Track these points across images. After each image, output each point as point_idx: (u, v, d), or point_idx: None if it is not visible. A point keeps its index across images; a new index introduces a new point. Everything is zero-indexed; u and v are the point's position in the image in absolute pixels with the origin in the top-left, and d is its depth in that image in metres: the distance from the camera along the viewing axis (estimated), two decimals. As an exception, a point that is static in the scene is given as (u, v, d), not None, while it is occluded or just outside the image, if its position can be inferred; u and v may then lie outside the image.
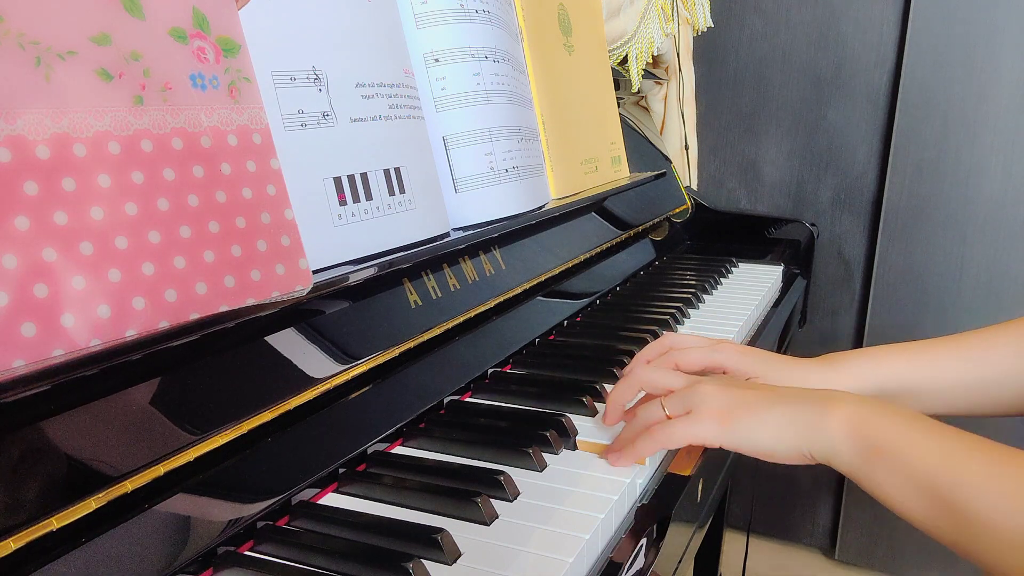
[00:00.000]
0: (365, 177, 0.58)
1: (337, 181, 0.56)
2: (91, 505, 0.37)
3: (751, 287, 1.09)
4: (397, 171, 0.62)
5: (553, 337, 0.84)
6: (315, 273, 0.51)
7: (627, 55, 1.28)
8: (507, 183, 0.75)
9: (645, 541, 0.49)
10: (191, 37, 0.45)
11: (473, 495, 0.49)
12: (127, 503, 0.39)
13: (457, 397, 0.68)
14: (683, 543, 0.58)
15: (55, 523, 0.35)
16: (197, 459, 0.43)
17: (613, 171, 1.06)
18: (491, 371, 0.73)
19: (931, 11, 1.47)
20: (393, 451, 0.59)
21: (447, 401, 0.66)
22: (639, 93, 1.51)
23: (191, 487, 0.43)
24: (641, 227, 1.16)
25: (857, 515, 1.71)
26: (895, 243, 1.58)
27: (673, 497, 0.54)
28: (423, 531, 0.45)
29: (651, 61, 1.38)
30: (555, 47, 0.93)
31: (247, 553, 0.45)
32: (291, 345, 0.51)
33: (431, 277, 0.67)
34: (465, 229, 0.71)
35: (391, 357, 0.59)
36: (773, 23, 1.63)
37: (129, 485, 0.39)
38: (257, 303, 0.46)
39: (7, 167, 0.36)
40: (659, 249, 1.25)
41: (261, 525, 0.47)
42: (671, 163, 1.41)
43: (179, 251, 0.42)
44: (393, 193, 0.61)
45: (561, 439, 0.59)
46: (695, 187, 1.60)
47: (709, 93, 1.71)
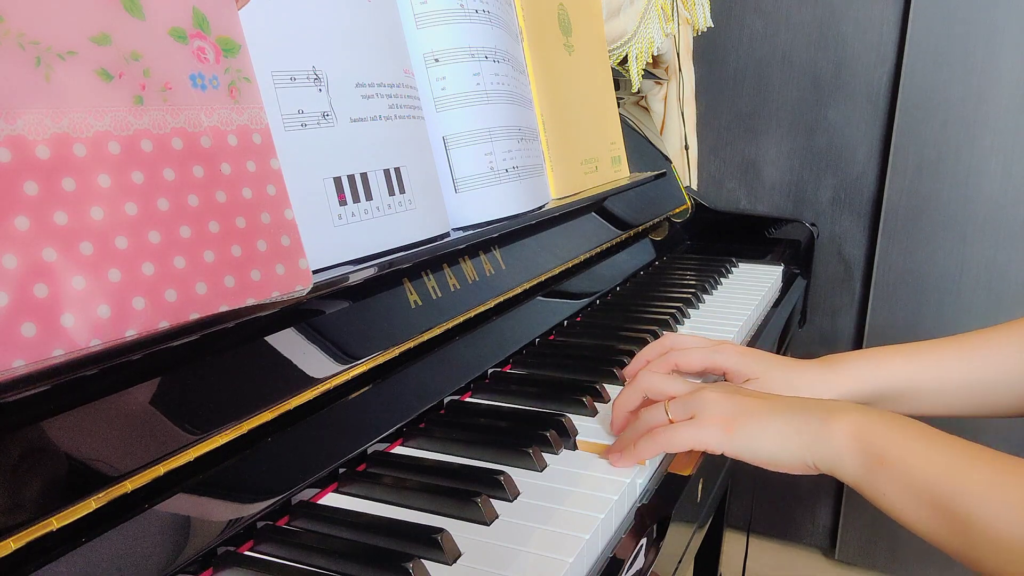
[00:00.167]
0: (365, 177, 0.58)
1: (337, 181, 0.56)
2: (91, 505, 0.37)
3: (751, 287, 1.09)
4: (397, 171, 0.62)
5: (553, 337, 0.84)
6: (315, 273, 0.51)
7: (627, 55, 1.28)
8: (507, 183, 0.75)
9: (645, 541, 0.49)
10: (191, 37, 0.45)
11: (473, 495, 0.49)
12: (127, 503, 0.39)
13: (457, 397, 0.68)
14: (683, 543, 0.58)
15: (55, 523, 0.35)
16: (197, 459, 0.43)
17: (613, 171, 1.06)
18: (491, 371, 0.73)
19: (931, 11, 1.47)
20: (393, 451, 0.59)
21: (447, 401, 0.66)
22: (639, 93, 1.51)
23: (191, 487, 0.43)
24: (641, 227, 1.16)
25: (857, 515, 1.71)
26: (895, 243, 1.58)
27: (673, 497, 0.54)
28: (423, 531, 0.45)
29: (651, 61, 1.38)
30: (555, 47, 0.93)
31: (247, 553, 0.45)
32: (291, 345, 0.51)
33: (431, 277, 0.67)
34: (465, 229, 0.71)
35: (391, 357, 0.59)
36: (773, 23, 1.63)
37: (129, 485, 0.39)
38: (257, 303, 0.46)
39: (7, 167, 0.36)
40: (659, 249, 1.25)
41: (261, 525, 0.47)
42: (671, 163, 1.41)
43: (179, 251, 0.42)
44: (393, 193, 0.61)
45: (561, 439, 0.59)
46: (695, 187, 1.60)
47: (709, 93, 1.71)
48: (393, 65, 0.63)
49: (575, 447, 0.59)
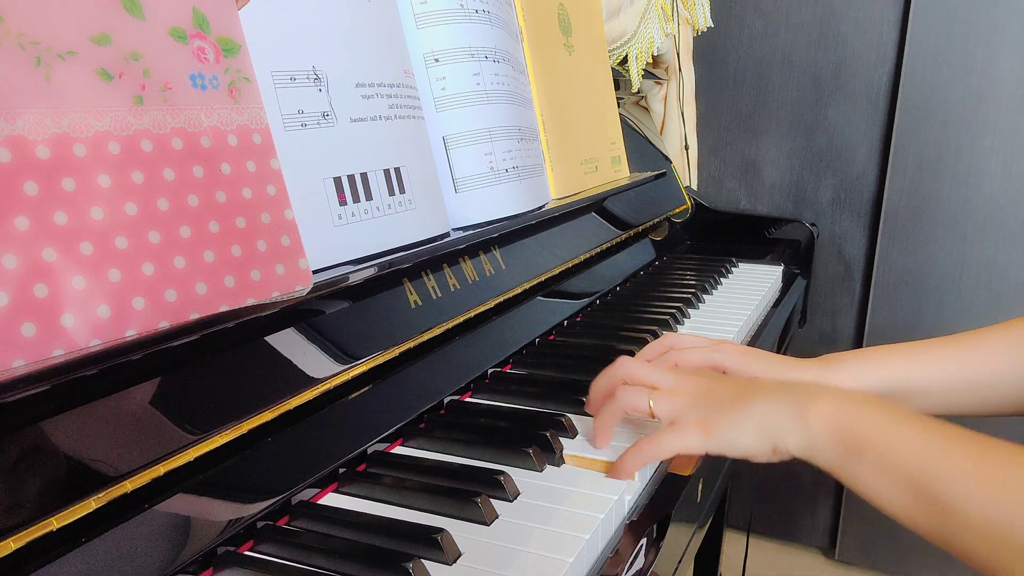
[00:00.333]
0: (365, 177, 0.58)
1: (337, 181, 0.56)
2: (91, 505, 0.37)
3: (751, 287, 1.09)
4: (397, 171, 0.62)
5: (553, 337, 0.84)
6: (315, 273, 0.51)
7: (627, 55, 1.28)
8: (507, 183, 0.75)
9: (645, 541, 0.49)
10: (191, 37, 0.45)
11: (473, 495, 0.49)
12: (127, 503, 0.39)
13: (457, 397, 0.68)
14: (683, 543, 0.58)
15: (55, 523, 0.35)
16: (197, 459, 0.43)
17: (613, 171, 1.06)
18: (491, 371, 0.73)
19: (931, 11, 1.47)
20: (393, 451, 0.59)
21: (447, 401, 0.66)
22: (639, 93, 1.51)
23: (191, 487, 0.43)
24: (641, 227, 1.16)
25: (857, 515, 1.71)
26: (895, 243, 1.58)
27: (673, 497, 0.54)
28: (423, 531, 0.45)
29: (651, 61, 1.38)
30: (555, 47, 0.93)
31: (247, 553, 0.45)
32: (291, 345, 0.51)
33: (431, 277, 0.67)
34: (465, 229, 0.71)
35: (391, 357, 0.59)
36: (773, 23, 1.63)
37: (129, 485, 0.39)
38: (257, 303, 0.46)
39: (7, 167, 0.36)
40: (659, 249, 1.25)
41: (261, 525, 0.47)
42: (671, 163, 1.41)
43: (179, 251, 0.42)
44: (393, 193, 0.61)
45: (561, 439, 0.59)
46: (695, 187, 1.60)
47: (709, 93, 1.71)
48: (393, 65, 0.63)
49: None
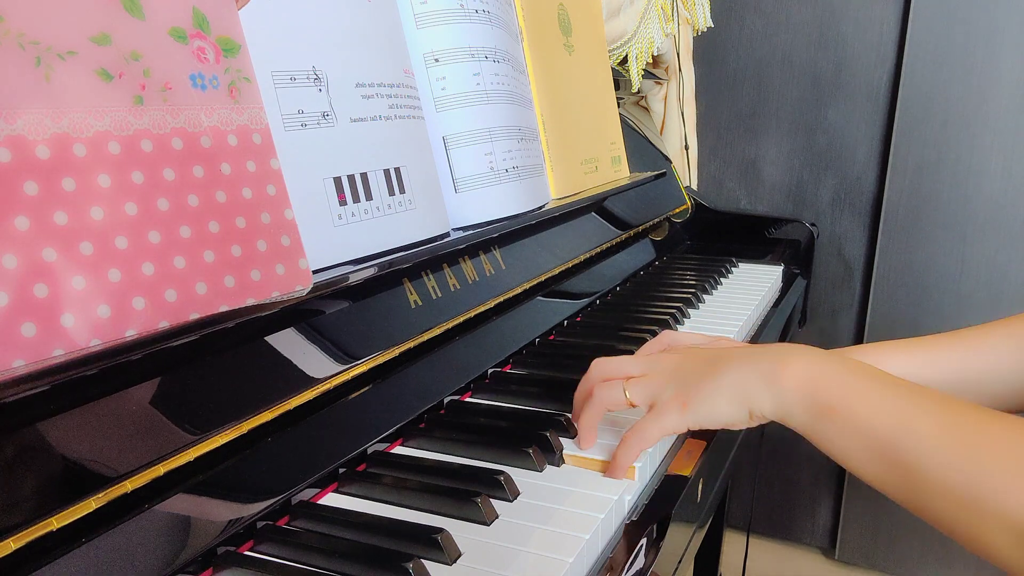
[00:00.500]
0: (365, 177, 0.58)
1: (337, 181, 0.56)
2: (91, 505, 0.37)
3: (751, 287, 1.09)
4: (397, 171, 0.62)
5: (553, 337, 0.84)
6: (315, 273, 0.51)
7: (627, 55, 1.28)
8: (507, 183, 0.75)
9: (645, 541, 0.49)
10: (191, 37, 0.45)
11: (473, 495, 0.49)
12: (127, 503, 0.39)
13: (457, 397, 0.68)
14: (683, 543, 0.58)
15: (55, 523, 0.35)
16: (197, 459, 0.43)
17: (613, 171, 1.06)
18: (491, 371, 0.73)
19: (931, 11, 1.47)
20: (393, 451, 0.59)
21: (447, 401, 0.66)
22: (639, 93, 1.51)
23: (191, 487, 0.43)
24: (641, 227, 1.16)
25: (857, 515, 1.71)
26: (895, 243, 1.58)
27: (673, 497, 0.54)
28: (423, 531, 0.45)
29: (651, 61, 1.38)
30: (555, 47, 0.93)
31: (247, 553, 0.45)
32: (291, 345, 0.51)
33: (431, 277, 0.67)
34: (465, 229, 0.71)
35: (391, 357, 0.59)
36: (773, 23, 1.63)
37: (129, 485, 0.39)
38: (257, 303, 0.46)
39: (7, 167, 0.36)
40: (659, 249, 1.25)
41: (261, 525, 0.47)
42: (671, 163, 1.41)
43: (179, 251, 0.42)
44: (393, 193, 0.61)
45: (561, 439, 0.59)
46: (695, 187, 1.60)
47: (709, 93, 1.71)
48: (393, 65, 0.63)
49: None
